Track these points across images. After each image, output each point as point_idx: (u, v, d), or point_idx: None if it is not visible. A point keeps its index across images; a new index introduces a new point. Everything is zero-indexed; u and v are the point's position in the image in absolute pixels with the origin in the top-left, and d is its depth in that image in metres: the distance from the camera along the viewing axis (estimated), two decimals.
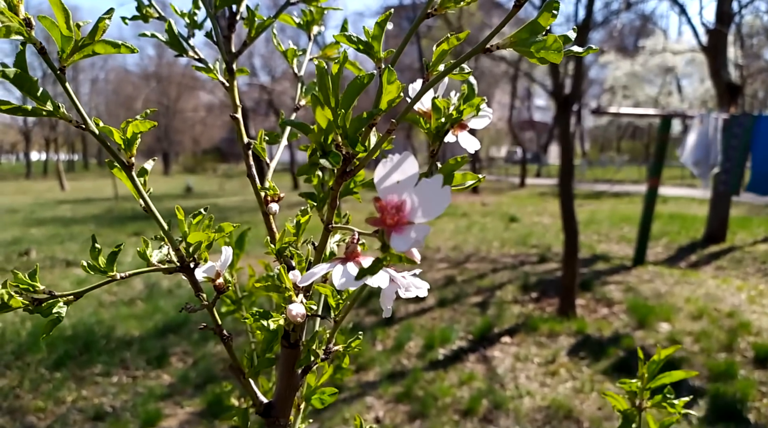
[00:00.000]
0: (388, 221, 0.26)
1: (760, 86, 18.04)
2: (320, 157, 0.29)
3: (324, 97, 0.27)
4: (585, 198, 13.38)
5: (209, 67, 0.42)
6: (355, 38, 0.31)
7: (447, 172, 0.35)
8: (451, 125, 0.35)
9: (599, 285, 5.22)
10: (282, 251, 0.37)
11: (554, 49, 0.26)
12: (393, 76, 0.28)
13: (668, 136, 5.76)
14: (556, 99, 4.53)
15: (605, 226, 8.80)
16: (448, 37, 0.31)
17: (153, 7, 0.41)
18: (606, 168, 26.07)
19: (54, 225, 10.20)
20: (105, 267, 0.38)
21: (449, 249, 7.27)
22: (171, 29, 0.40)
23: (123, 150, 0.36)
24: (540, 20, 0.27)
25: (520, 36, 0.27)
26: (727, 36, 6.54)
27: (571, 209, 4.40)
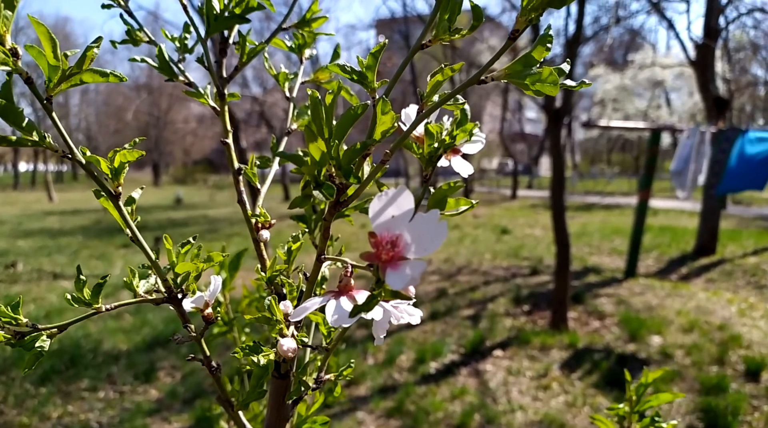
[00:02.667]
0: (383, 256, 0.25)
1: (747, 100, 18.28)
2: (313, 189, 0.28)
3: (317, 127, 0.27)
4: (576, 210, 13.45)
5: (199, 91, 0.41)
6: (349, 68, 0.30)
7: (440, 197, 0.35)
8: (444, 151, 0.35)
9: (591, 298, 5.23)
10: (273, 279, 0.37)
11: (550, 82, 0.26)
12: (387, 106, 0.28)
13: (658, 149, 5.81)
14: (547, 112, 4.57)
15: (596, 238, 8.84)
16: (443, 67, 0.30)
17: (143, 31, 0.40)
18: (597, 180, 26.25)
19: (41, 237, 10.11)
20: (90, 299, 0.37)
21: (441, 262, 7.27)
22: (161, 54, 0.39)
23: (110, 179, 0.35)
24: (534, 53, 0.26)
25: (514, 68, 0.27)
26: (715, 51, 6.63)
27: (563, 222, 4.41)
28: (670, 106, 20.64)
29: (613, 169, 29.87)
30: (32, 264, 7.55)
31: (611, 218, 11.63)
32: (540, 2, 0.25)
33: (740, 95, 15.08)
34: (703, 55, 6.42)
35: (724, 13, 6.66)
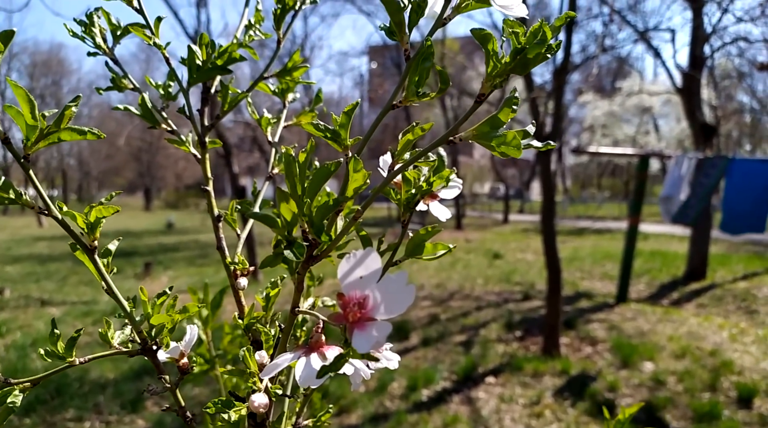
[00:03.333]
0: (350, 317, 0.26)
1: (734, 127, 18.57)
2: (284, 248, 0.29)
3: (290, 184, 0.28)
4: (567, 235, 13.50)
5: (181, 139, 0.42)
6: (323, 127, 0.31)
7: (417, 242, 0.35)
8: (421, 196, 0.36)
9: (583, 323, 5.22)
10: (250, 327, 0.37)
11: (513, 146, 0.27)
12: (359, 165, 0.29)
13: (647, 174, 5.87)
14: (537, 139, 4.61)
15: (588, 263, 8.86)
16: (414, 126, 0.31)
17: (128, 78, 0.41)
18: (587, 205, 26.43)
19: (30, 263, 10.01)
20: (64, 353, 0.37)
21: (433, 286, 7.26)
22: (144, 103, 0.40)
23: (86, 233, 0.36)
24: (500, 115, 0.27)
25: (481, 129, 0.28)
26: (701, 78, 6.76)
27: (554, 248, 4.43)
28: (658, 132, 20.93)
29: (604, 193, 30.11)
30: (20, 291, 7.46)
31: (602, 243, 11.68)
32: (503, 69, 0.26)
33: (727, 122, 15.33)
34: (689, 82, 6.54)
35: (709, 42, 6.80)
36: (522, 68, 0.26)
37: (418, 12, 0.29)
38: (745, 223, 5.29)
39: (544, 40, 0.25)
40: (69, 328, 5.52)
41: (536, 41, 0.25)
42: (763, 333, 4.87)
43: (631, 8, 6.94)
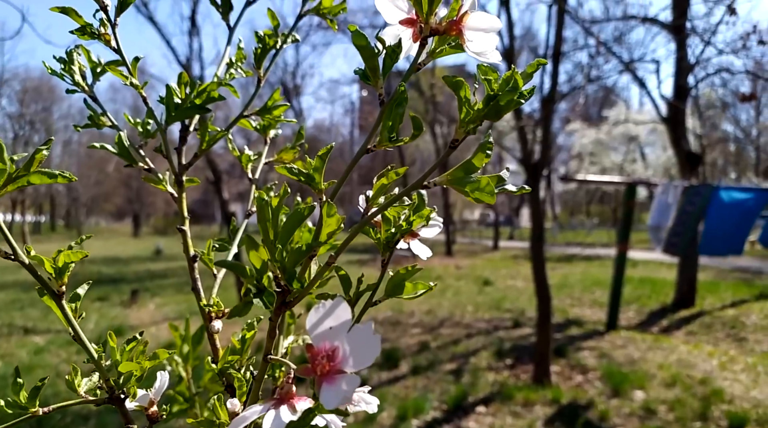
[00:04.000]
0: (319, 370, 0.25)
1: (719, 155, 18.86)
2: (254, 296, 0.28)
3: (263, 228, 0.27)
4: (557, 261, 13.52)
5: (159, 177, 0.41)
6: (296, 171, 0.31)
7: (397, 281, 0.35)
8: (401, 236, 0.35)
9: (573, 351, 5.20)
10: (224, 372, 0.36)
11: (487, 192, 0.27)
12: (333, 209, 0.28)
13: (634, 202, 5.93)
14: (526, 166, 4.66)
15: (577, 290, 8.87)
16: (389, 169, 0.31)
17: (106, 116, 0.41)
18: (577, 231, 26.56)
19: (15, 290, 9.85)
20: (26, 403, 0.36)
21: (423, 313, 7.21)
22: (121, 142, 0.40)
23: (54, 278, 0.35)
24: (474, 160, 0.27)
25: (455, 174, 0.28)
26: (686, 108, 6.88)
27: (544, 275, 4.43)
28: (645, 160, 21.22)
29: (593, 220, 30.31)
30: (4, 319, 7.33)
31: (592, 270, 11.71)
32: (476, 115, 0.26)
33: (712, 150, 15.58)
34: (674, 112, 6.65)
35: (693, 73, 6.95)
36: (495, 115, 0.26)
37: (392, 57, 0.29)
38: (724, 245, 5.34)
39: (515, 87, 0.25)
40: (53, 357, 5.41)
41: (508, 88, 0.25)
42: (752, 360, 4.86)
43: (616, 40, 7.10)
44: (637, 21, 6.46)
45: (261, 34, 0.42)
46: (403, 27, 0.31)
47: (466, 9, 0.29)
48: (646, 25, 6.90)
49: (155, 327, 6.86)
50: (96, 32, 0.37)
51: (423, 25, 0.29)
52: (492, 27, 0.29)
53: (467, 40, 0.29)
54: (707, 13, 6.33)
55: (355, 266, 12.99)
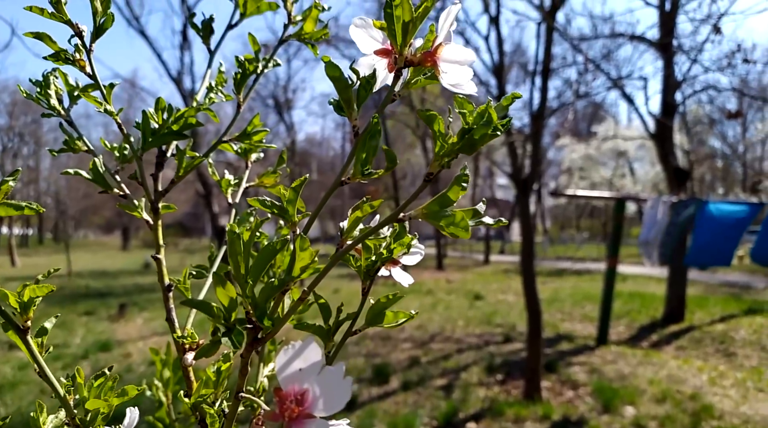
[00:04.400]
0: (287, 415, 0.24)
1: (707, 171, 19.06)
2: (222, 335, 0.27)
3: (233, 263, 0.27)
4: (548, 276, 13.55)
5: (134, 204, 0.41)
6: (269, 203, 0.30)
7: (378, 310, 0.34)
8: (382, 264, 0.35)
9: (564, 366, 5.18)
10: (197, 406, 0.35)
11: (462, 227, 0.27)
12: (305, 243, 0.28)
13: (623, 217, 5.96)
14: (516, 181, 4.68)
15: (568, 304, 8.88)
16: (364, 201, 0.31)
17: (82, 140, 0.40)
18: (567, 245, 26.64)
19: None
20: None
21: (414, 328, 7.18)
22: (95, 168, 0.39)
23: (18, 314, 0.34)
24: (450, 194, 0.27)
25: (431, 208, 0.28)
26: (673, 124, 6.95)
27: (534, 290, 4.43)
28: (634, 175, 21.41)
29: (583, 234, 30.44)
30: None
31: (582, 284, 11.73)
32: (451, 150, 0.26)
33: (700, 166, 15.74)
34: (661, 128, 6.72)
35: (680, 90, 7.04)
36: (470, 148, 0.26)
37: (366, 88, 0.29)
38: (712, 257, 5.37)
39: (490, 121, 0.25)
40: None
41: (483, 122, 0.25)
42: (741, 376, 4.88)
43: (605, 57, 7.18)
44: (625, 39, 6.56)
45: (242, 59, 0.42)
46: (378, 57, 0.31)
47: (441, 41, 0.29)
48: (633, 42, 6.99)
49: (142, 342, 6.78)
50: (71, 58, 0.36)
51: (397, 56, 0.29)
52: (466, 60, 0.29)
53: (442, 72, 0.29)
54: (693, 32, 6.44)
55: (345, 280, 12.94)
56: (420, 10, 0.28)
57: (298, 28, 0.42)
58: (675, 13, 6.39)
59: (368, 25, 0.30)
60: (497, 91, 4.88)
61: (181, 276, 0.40)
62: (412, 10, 0.27)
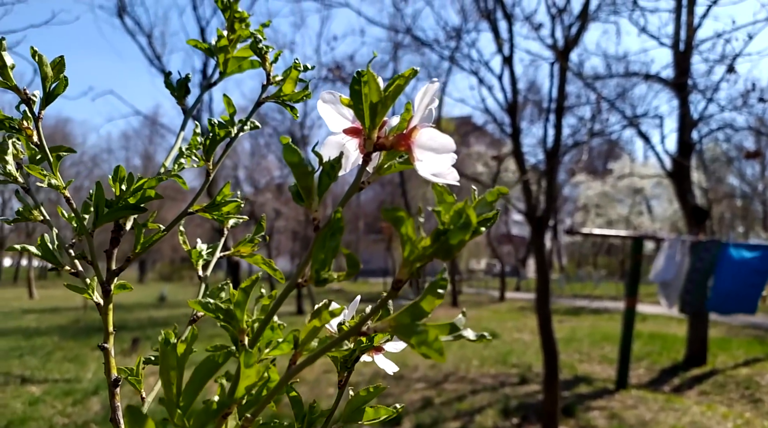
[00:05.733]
0: None
1: (726, 209, 18.79)
2: None
3: (164, 381, 0.23)
4: (564, 314, 13.29)
5: (85, 284, 0.38)
6: (213, 306, 0.27)
7: (356, 405, 0.31)
8: (362, 352, 0.31)
9: (582, 411, 5.01)
10: None
11: (435, 348, 0.23)
12: (251, 358, 0.24)
13: (641, 256, 5.85)
14: (530, 220, 4.62)
15: (586, 345, 8.66)
16: (323, 309, 0.27)
17: (39, 210, 0.38)
18: (584, 283, 26.19)
19: (15, 337, 9.74)
20: None
21: (427, 367, 7.03)
22: (44, 243, 0.36)
23: None
24: (423, 304, 0.23)
25: (401, 320, 0.24)
26: (690, 163, 6.88)
27: (550, 331, 4.32)
28: (652, 212, 21.13)
29: (600, 272, 29.96)
30: (1, 367, 7.20)
31: (600, 323, 11.47)
32: (422, 254, 0.22)
33: (719, 205, 15.51)
34: (679, 166, 6.64)
35: (696, 128, 6.98)
36: (445, 254, 0.22)
37: (330, 175, 0.26)
38: (735, 303, 5.23)
39: (468, 224, 0.21)
40: (48, 409, 5.27)
41: (460, 225, 0.21)
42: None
43: (619, 96, 7.17)
44: (639, 78, 6.55)
45: (215, 121, 0.39)
46: (348, 136, 0.28)
47: (416, 123, 0.26)
48: (648, 82, 6.99)
49: (153, 378, 6.71)
50: (17, 126, 0.34)
51: (366, 139, 0.26)
52: (444, 147, 0.25)
53: (417, 159, 0.26)
54: (708, 71, 6.42)
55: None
56: (391, 89, 0.25)
57: (277, 90, 0.39)
58: (689, 53, 6.38)
59: (337, 101, 0.27)
60: (511, 130, 4.87)
61: (134, 365, 0.36)
62: (380, 89, 0.24)
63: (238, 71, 0.40)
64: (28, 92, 0.33)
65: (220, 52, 0.39)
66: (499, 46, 5.04)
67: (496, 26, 5.13)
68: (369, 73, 0.23)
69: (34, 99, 0.34)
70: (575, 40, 4.65)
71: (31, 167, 0.34)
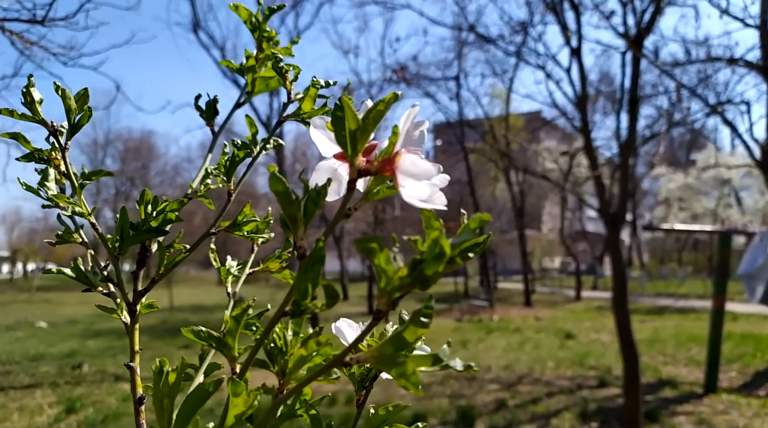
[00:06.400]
0: None
1: None
2: None
3: (157, 409, 0.24)
4: (647, 314, 12.67)
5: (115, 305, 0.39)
6: (205, 334, 0.27)
7: (376, 424, 0.30)
8: (379, 371, 0.31)
9: (667, 416, 4.77)
10: None
11: (412, 383, 0.22)
12: (239, 387, 0.24)
13: (729, 252, 5.48)
14: (604, 217, 4.44)
15: (671, 346, 8.21)
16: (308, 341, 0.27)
17: (78, 233, 0.40)
18: (668, 281, 24.83)
19: (109, 337, 10.41)
20: None
21: (500, 368, 6.91)
22: (77, 266, 0.38)
23: None
24: (406, 334, 0.22)
25: (384, 350, 0.23)
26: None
27: (629, 332, 4.14)
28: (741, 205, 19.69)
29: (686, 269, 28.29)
30: (97, 365, 7.72)
31: (686, 323, 10.85)
32: (400, 285, 0.22)
33: None
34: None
35: None
36: (422, 284, 0.21)
37: (316, 202, 0.25)
38: None
39: (442, 255, 0.20)
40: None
41: (434, 255, 0.20)
42: None
43: (701, 82, 6.74)
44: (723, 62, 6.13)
45: (238, 141, 0.40)
46: (339, 161, 0.27)
47: (398, 148, 0.25)
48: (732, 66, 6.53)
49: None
50: (45, 157, 0.36)
51: (350, 166, 0.25)
52: (425, 173, 0.24)
53: (400, 185, 0.25)
54: None
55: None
56: (372, 115, 0.24)
57: (296, 108, 0.39)
58: None
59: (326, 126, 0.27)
60: (581, 124, 4.70)
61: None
62: (356, 117, 0.24)
63: (265, 90, 0.41)
64: (56, 125, 0.35)
65: (248, 72, 0.40)
66: (567, 38, 4.87)
67: (564, 17, 4.96)
68: (343, 100, 0.23)
69: (62, 130, 0.36)
70: (649, 26, 4.42)
71: (58, 196, 0.37)
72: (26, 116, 0.34)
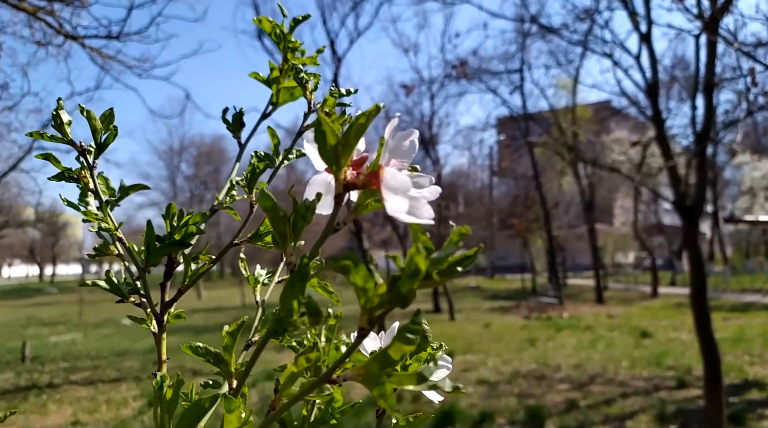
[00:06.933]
0: None
1: None
2: None
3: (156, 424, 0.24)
4: (730, 311, 11.93)
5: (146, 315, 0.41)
6: (202, 350, 0.28)
7: None
8: None
9: (754, 419, 4.49)
10: None
11: (389, 405, 0.21)
12: (233, 404, 0.24)
13: None
14: (680, 210, 4.22)
15: (758, 345, 7.70)
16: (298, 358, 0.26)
17: (115, 246, 0.42)
18: (754, 276, 23.25)
19: (187, 334, 10.90)
20: None
21: (571, 367, 6.72)
22: (109, 278, 0.40)
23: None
24: (391, 352, 0.22)
25: (370, 368, 0.22)
26: None
27: (709, 331, 3.92)
28: None
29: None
30: (175, 361, 8.08)
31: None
32: (379, 303, 0.21)
33: None
34: None
35: None
36: (401, 302, 0.21)
37: (305, 217, 0.25)
38: None
39: (416, 273, 0.19)
40: None
41: (409, 274, 0.20)
42: None
43: None
44: None
45: (261, 152, 0.41)
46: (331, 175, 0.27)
47: (384, 161, 0.24)
48: None
49: None
50: (75, 176, 0.38)
51: (335, 180, 0.25)
52: (403, 187, 0.24)
53: (385, 199, 0.24)
54: None
55: (497, 314, 12.57)
56: (353, 130, 0.23)
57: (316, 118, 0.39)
58: None
59: None
60: (652, 112, 4.48)
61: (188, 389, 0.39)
62: (335, 133, 0.23)
63: (290, 100, 0.42)
64: (84, 145, 0.37)
65: (273, 83, 0.41)
66: (635, 23, 4.66)
67: (631, 2, 4.75)
68: (321, 116, 0.23)
69: (90, 150, 0.38)
70: (725, 6, 4.15)
71: (87, 212, 0.39)
72: (56, 138, 0.36)
